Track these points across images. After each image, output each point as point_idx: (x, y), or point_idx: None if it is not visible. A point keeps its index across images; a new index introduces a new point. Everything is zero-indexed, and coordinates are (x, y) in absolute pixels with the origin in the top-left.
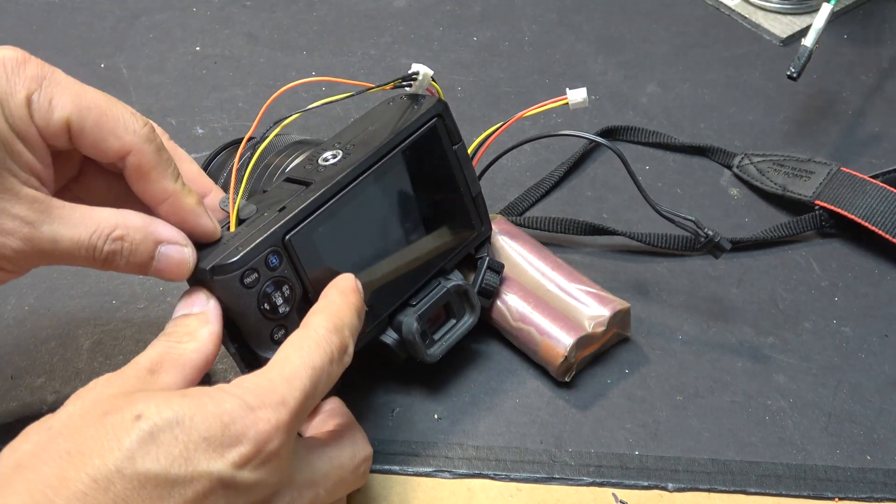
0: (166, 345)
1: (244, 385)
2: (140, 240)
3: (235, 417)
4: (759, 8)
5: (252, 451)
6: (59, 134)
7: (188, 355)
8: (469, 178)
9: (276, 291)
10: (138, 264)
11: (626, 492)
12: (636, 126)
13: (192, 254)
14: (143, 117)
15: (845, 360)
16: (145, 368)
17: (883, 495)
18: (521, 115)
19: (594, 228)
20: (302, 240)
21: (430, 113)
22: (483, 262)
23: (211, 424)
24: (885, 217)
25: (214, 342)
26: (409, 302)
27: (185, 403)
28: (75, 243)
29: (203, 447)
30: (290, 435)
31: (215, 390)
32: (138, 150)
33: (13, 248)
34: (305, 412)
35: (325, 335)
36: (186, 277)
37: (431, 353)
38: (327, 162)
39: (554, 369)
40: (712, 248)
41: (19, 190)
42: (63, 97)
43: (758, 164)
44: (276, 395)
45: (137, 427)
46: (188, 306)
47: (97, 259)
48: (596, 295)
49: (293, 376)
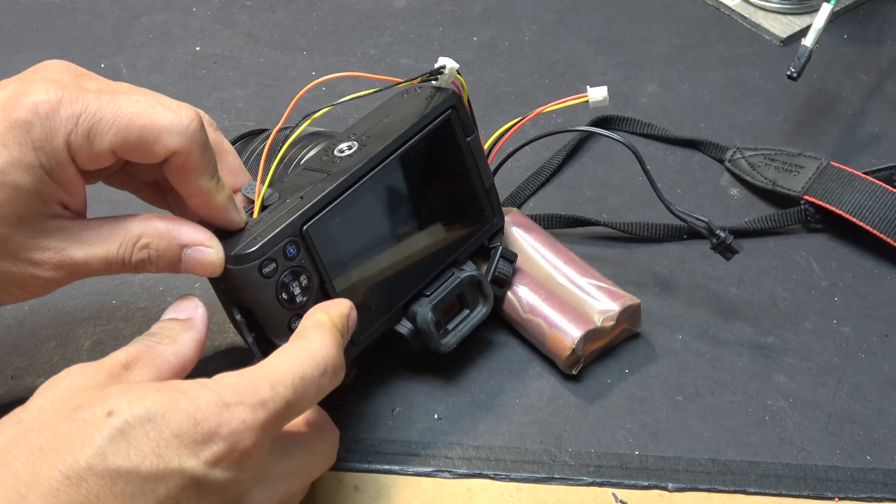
0: (146, 343)
1: (224, 381)
2: (165, 246)
3: (209, 414)
4: (759, 8)
5: (224, 450)
6: (102, 159)
7: (165, 357)
8: (482, 169)
9: (294, 281)
10: (168, 267)
11: (626, 492)
12: (630, 117)
13: (219, 252)
14: (191, 110)
15: (845, 360)
16: (120, 363)
17: (883, 495)
18: (540, 110)
19: (576, 220)
20: (319, 230)
21: (445, 105)
22: (496, 251)
23: (183, 421)
24: (873, 213)
25: (195, 348)
26: (424, 292)
27: (158, 399)
28: (105, 260)
29: (175, 444)
30: (265, 436)
31: (191, 385)
32: (183, 152)
33: (46, 278)
34: (286, 419)
35: (322, 349)
36: (218, 274)
37: (446, 342)
38: (343, 153)
39: (561, 362)
40: (724, 250)
41: (49, 224)
42: (101, 126)
43: (749, 158)
44: (256, 395)
45: (109, 424)
46: (176, 311)
47: (129, 268)
48: (607, 290)
49: (278, 381)
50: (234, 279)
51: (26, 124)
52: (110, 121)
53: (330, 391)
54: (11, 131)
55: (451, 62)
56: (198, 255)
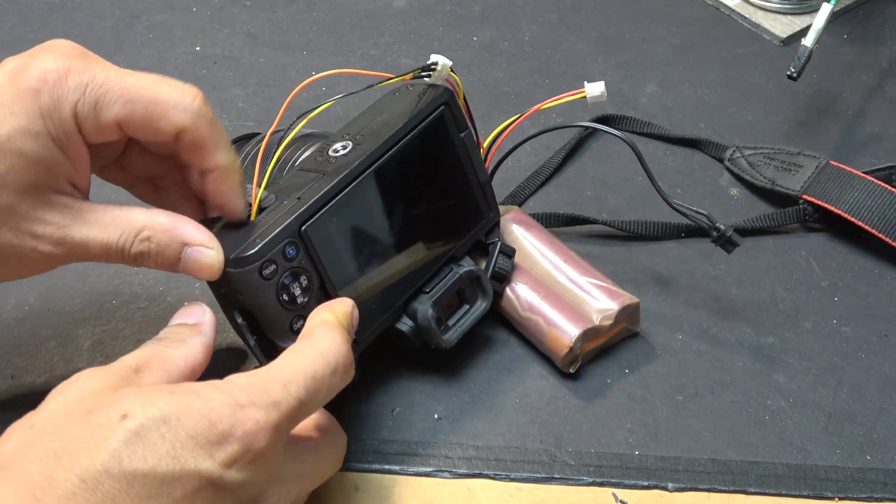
0: (156, 347)
1: (236, 382)
2: (167, 242)
3: (223, 415)
4: (759, 8)
5: (239, 451)
6: (108, 132)
7: (175, 360)
8: (477, 164)
9: (294, 282)
10: (166, 264)
11: (626, 492)
12: (630, 116)
13: (219, 255)
14: (193, 88)
15: (845, 360)
16: (130, 367)
17: (883, 495)
18: (538, 107)
19: (575, 219)
20: (317, 230)
21: (437, 101)
22: (495, 246)
23: (198, 422)
24: (872, 212)
25: (204, 353)
26: (423, 289)
27: (172, 400)
28: (105, 245)
29: (190, 445)
30: (278, 437)
31: (204, 387)
32: (191, 128)
33: (45, 252)
34: (299, 418)
35: (331, 346)
36: (215, 278)
37: (447, 338)
38: (338, 153)
39: (559, 360)
40: (724, 243)
41: (53, 199)
42: (108, 97)
43: (748, 157)
44: (269, 396)
45: (123, 426)
46: (184, 317)
47: (126, 259)
48: (606, 289)
49: (290, 381)
50: (234, 282)
51: (34, 92)
52: (117, 92)
53: (341, 389)
54: (19, 98)
55: (443, 59)
56: (198, 255)
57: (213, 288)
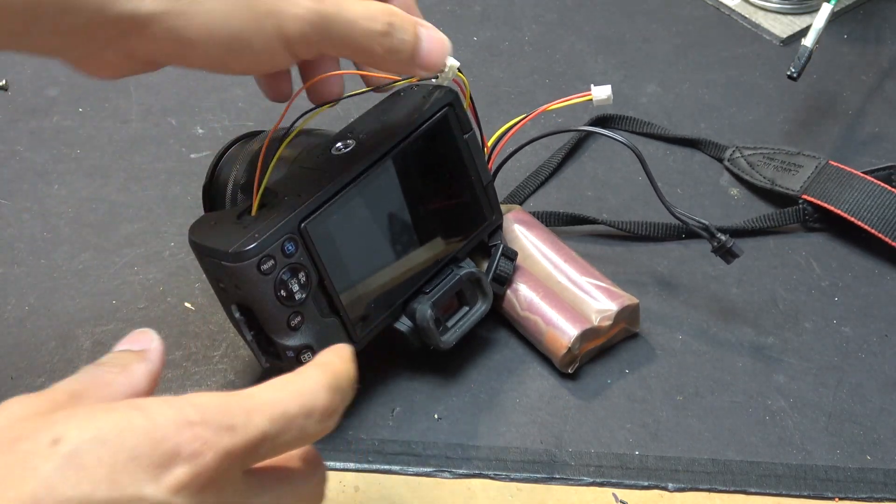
0: (95, 372)
1: (193, 400)
2: (406, 19)
3: (168, 433)
4: (759, 8)
5: (188, 475)
6: None
7: (116, 386)
8: (480, 166)
9: (293, 278)
10: (409, 42)
11: (626, 492)
12: (630, 116)
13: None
14: None
15: (845, 360)
16: (66, 392)
17: (883, 495)
18: (543, 108)
19: (575, 219)
20: (317, 227)
21: (441, 102)
22: (497, 249)
23: (140, 441)
24: (872, 212)
25: (149, 381)
26: (423, 289)
27: (111, 419)
28: (356, 19)
29: (131, 468)
30: (231, 464)
31: (150, 401)
32: None
33: (300, 30)
34: (260, 453)
35: (314, 388)
36: (448, 56)
37: (445, 339)
38: (340, 151)
39: (557, 360)
40: (724, 254)
41: None
42: None
43: (748, 157)
44: (226, 418)
45: (56, 451)
46: (130, 343)
47: (373, 36)
48: (606, 289)
49: (255, 410)
50: (232, 276)
51: None
52: None
53: (318, 436)
54: None
55: (451, 60)
56: (432, 31)
57: (213, 283)
